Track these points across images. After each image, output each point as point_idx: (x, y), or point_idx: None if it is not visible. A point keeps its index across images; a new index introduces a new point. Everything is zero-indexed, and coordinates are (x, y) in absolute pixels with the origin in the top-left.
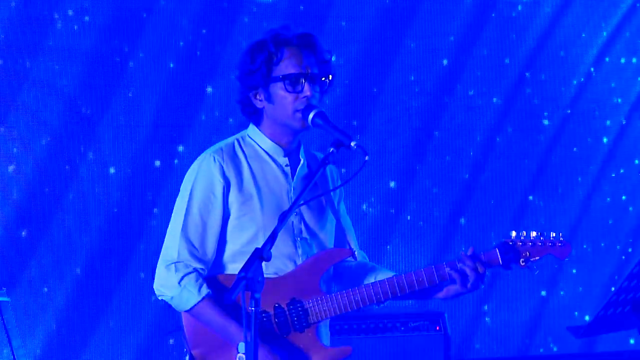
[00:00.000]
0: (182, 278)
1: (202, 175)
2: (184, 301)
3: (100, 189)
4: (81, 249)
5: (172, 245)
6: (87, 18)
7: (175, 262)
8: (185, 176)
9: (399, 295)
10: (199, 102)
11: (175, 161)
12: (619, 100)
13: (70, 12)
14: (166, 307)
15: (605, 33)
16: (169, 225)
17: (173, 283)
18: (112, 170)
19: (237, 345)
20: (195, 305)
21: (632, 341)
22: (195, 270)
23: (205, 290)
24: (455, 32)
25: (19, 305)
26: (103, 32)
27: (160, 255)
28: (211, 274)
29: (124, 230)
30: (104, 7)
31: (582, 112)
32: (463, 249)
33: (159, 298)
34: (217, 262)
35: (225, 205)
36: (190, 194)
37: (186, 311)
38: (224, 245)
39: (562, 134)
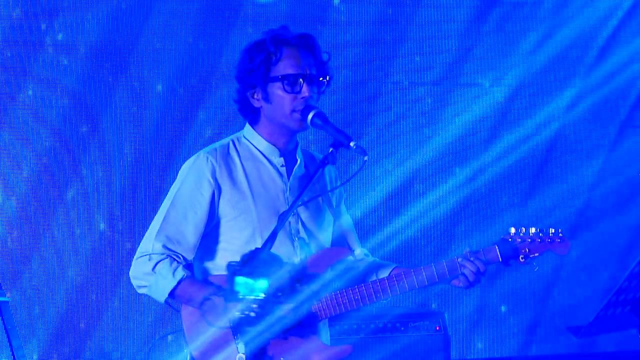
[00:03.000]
0: (155, 265)
1: (192, 174)
2: (161, 288)
3: (102, 188)
4: (82, 249)
5: (150, 238)
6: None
7: (149, 254)
8: (178, 174)
9: (398, 294)
10: (201, 104)
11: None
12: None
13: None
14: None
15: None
16: (153, 220)
17: (147, 271)
18: (113, 170)
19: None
20: (172, 290)
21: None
22: (168, 256)
23: (180, 273)
24: (456, 34)
25: (19, 305)
26: (105, 32)
27: (138, 248)
28: (208, 275)
29: (125, 230)
30: (103, 12)
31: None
32: (467, 248)
33: (139, 291)
34: (215, 263)
35: (213, 207)
36: (177, 191)
37: (167, 299)
38: (220, 246)
39: (565, 134)
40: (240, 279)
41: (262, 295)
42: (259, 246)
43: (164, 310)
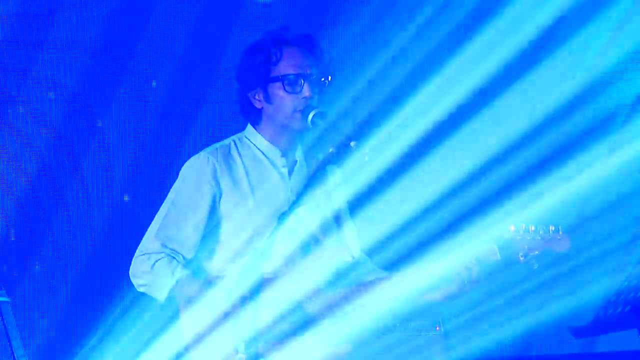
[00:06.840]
0: (154, 264)
1: (192, 174)
2: (160, 286)
3: (103, 187)
4: (82, 249)
5: (149, 237)
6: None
7: (148, 253)
8: (179, 174)
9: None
10: (202, 104)
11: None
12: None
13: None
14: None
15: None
16: (153, 219)
17: (145, 269)
18: (114, 168)
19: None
20: (171, 289)
21: None
22: (167, 255)
23: (179, 272)
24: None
25: (19, 305)
26: (105, 31)
27: (138, 247)
28: (208, 276)
29: (126, 228)
30: (103, 10)
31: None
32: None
33: (139, 289)
34: (215, 263)
35: (214, 208)
36: (178, 190)
37: (166, 297)
38: (220, 246)
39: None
40: None
41: None
42: (260, 247)
43: (164, 310)
